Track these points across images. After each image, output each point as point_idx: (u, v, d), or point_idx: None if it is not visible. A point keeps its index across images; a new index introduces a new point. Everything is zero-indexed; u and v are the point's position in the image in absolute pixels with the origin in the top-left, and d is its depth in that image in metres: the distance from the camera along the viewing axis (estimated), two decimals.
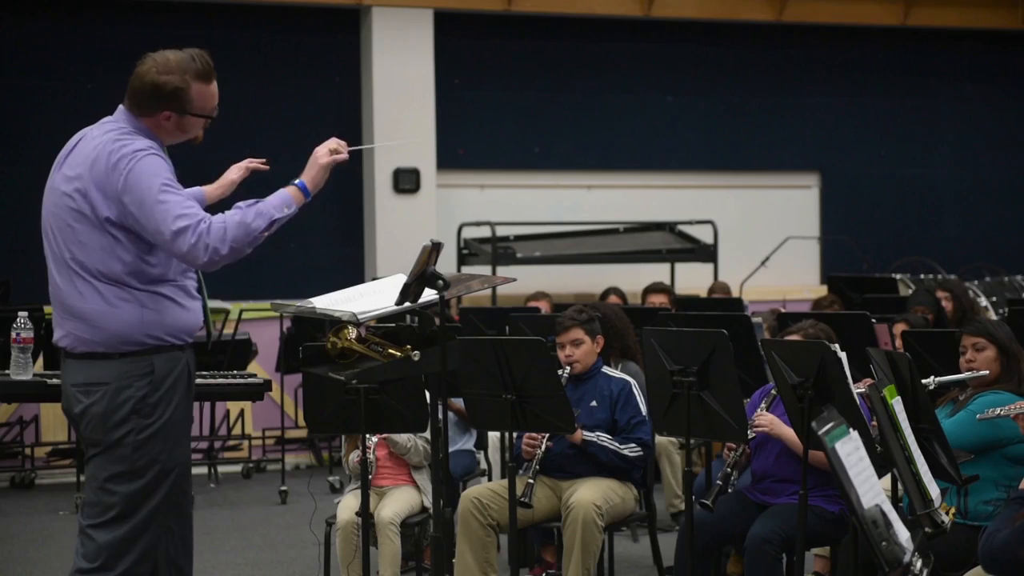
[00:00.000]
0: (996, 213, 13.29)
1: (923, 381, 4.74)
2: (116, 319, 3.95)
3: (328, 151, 4.16)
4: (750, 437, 5.32)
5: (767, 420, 5.40)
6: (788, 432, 5.33)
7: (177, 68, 4.00)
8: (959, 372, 5.26)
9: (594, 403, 5.94)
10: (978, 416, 4.80)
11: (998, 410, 4.66)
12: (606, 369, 6.12)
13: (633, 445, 5.87)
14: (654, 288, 9.73)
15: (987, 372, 5.18)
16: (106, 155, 3.93)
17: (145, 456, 3.97)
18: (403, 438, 6.12)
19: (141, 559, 4.00)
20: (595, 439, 5.83)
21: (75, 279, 3.97)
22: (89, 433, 4.01)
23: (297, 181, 4.10)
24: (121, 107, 4.08)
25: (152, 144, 3.98)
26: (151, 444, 3.98)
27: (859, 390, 4.75)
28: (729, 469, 5.37)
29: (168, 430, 4.00)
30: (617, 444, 5.85)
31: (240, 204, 3.98)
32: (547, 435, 5.77)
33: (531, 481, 5.68)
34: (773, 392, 5.49)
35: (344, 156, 4.18)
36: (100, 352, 3.97)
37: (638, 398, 5.95)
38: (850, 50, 12.80)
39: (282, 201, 4.00)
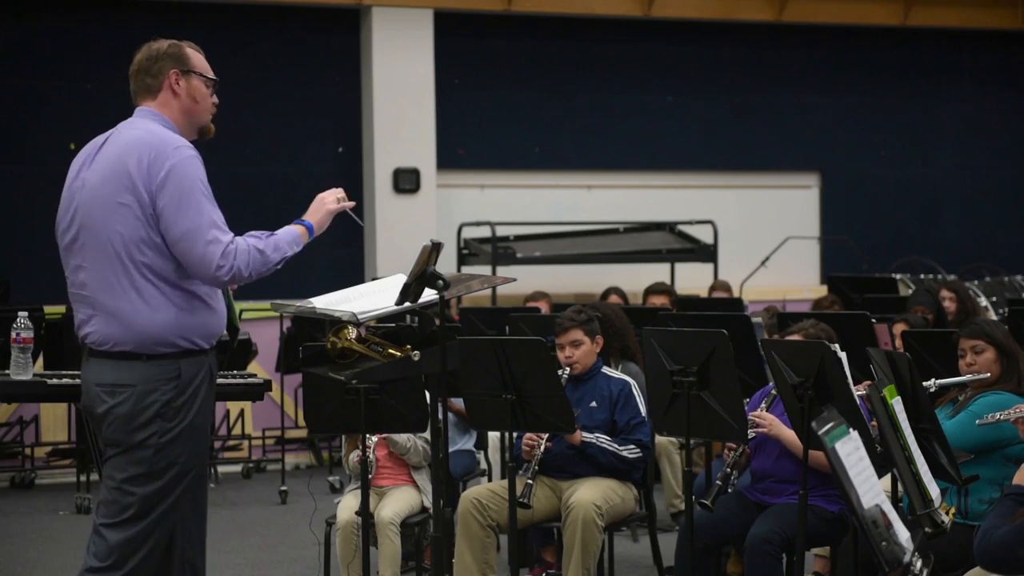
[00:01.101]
0: (996, 213, 13.29)
1: (924, 384, 4.74)
2: (151, 319, 3.96)
3: (336, 198, 4.32)
4: (750, 437, 5.32)
5: (767, 421, 5.39)
6: (788, 434, 5.32)
7: (166, 40, 4.21)
8: (959, 373, 5.25)
9: (594, 404, 5.94)
10: (978, 422, 4.79)
11: (998, 415, 4.65)
12: (606, 369, 6.11)
13: (632, 446, 5.86)
14: (655, 289, 9.73)
15: (988, 374, 5.17)
16: (145, 146, 3.97)
17: (165, 459, 3.99)
18: (403, 438, 6.12)
19: (148, 556, 4.02)
20: (594, 440, 5.83)
21: (112, 277, 3.97)
22: (111, 434, 4.02)
23: (305, 221, 4.24)
24: (139, 107, 4.16)
25: (188, 143, 4.05)
26: (172, 447, 3.99)
27: (859, 393, 4.74)
28: (729, 469, 5.37)
29: (190, 433, 4.02)
30: (616, 445, 5.84)
31: (256, 233, 4.08)
32: (546, 436, 5.77)
33: (530, 482, 5.68)
34: (773, 393, 5.49)
35: (351, 203, 4.38)
36: (129, 352, 3.98)
37: (638, 399, 5.94)
38: (850, 50, 12.80)
39: (292, 239, 4.15)
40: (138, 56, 4.17)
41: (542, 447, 5.77)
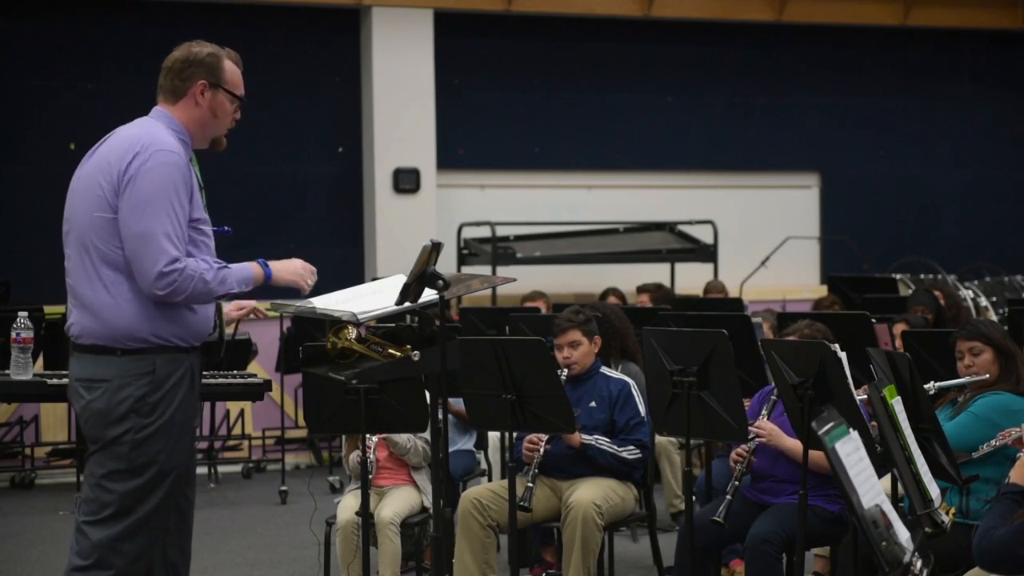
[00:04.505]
0: (996, 213, 13.29)
1: (924, 386, 4.74)
2: (120, 314, 3.97)
3: (309, 271, 4.33)
4: (749, 438, 5.31)
5: (767, 431, 5.38)
6: (787, 442, 5.32)
7: (209, 46, 4.19)
8: (958, 374, 5.25)
9: (593, 404, 5.94)
10: (974, 455, 4.85)
11: (994, 443, 4.73)
12: (605, 370, 6.11)
13: (631, 447, 5.86)
14: (641, 288, 9.83)
15: (987, 375, 5.17)
16: (134, 142, 3.98)
17: (143, 455, 3.98)
18: (403, 438, 6.13)
19: (136, 559, 4.00)
20: (593, 442, 5.83)
21: (89, 269, 4.00)
22: (89, 429, 4.03)
23: (268, 266, 4.23)
24: (156, 107, 4.16)
25: (180, 150, 4.02)
26: (150, 443, 3.98)
27: (860, 397, 4.74)
28: (736, 482, 5.34)
29: (168, 431, 4.01)
30: (615, 447, 5.84)
31: (210, 261, 4.04)
32: (546, 438, 5.77)
33: (530, 485, 5.68)
34: (773, 398, 5.48)
35: (306, 287, 4.36)
36: (104, 346, 3.99)
37: (637, 399, 5.94)
38: (850, 50, 12.80)
39: (244, 278, 4.13)
40: (176, 54, 4.16)
41: (542, 450, 5.77)
